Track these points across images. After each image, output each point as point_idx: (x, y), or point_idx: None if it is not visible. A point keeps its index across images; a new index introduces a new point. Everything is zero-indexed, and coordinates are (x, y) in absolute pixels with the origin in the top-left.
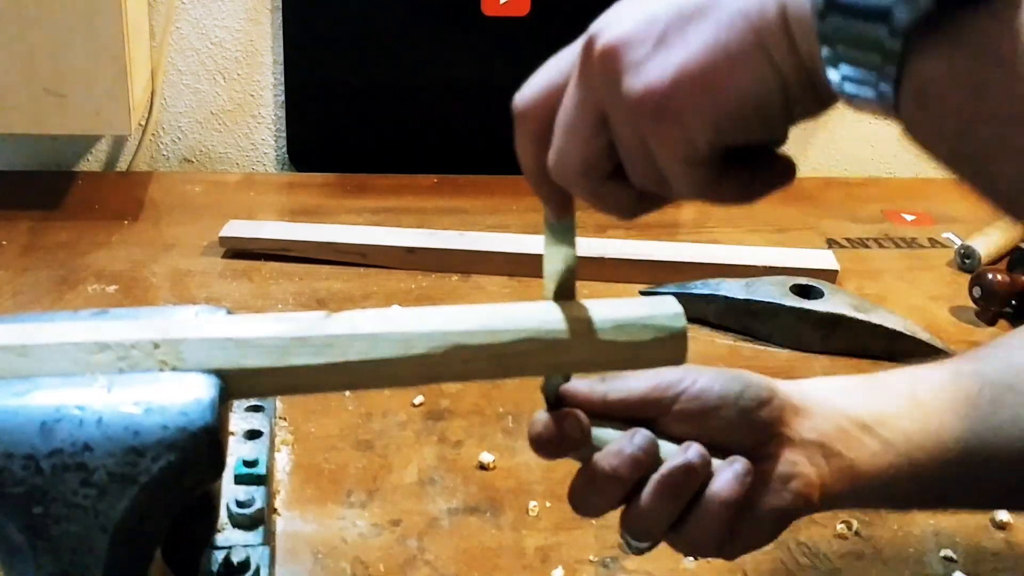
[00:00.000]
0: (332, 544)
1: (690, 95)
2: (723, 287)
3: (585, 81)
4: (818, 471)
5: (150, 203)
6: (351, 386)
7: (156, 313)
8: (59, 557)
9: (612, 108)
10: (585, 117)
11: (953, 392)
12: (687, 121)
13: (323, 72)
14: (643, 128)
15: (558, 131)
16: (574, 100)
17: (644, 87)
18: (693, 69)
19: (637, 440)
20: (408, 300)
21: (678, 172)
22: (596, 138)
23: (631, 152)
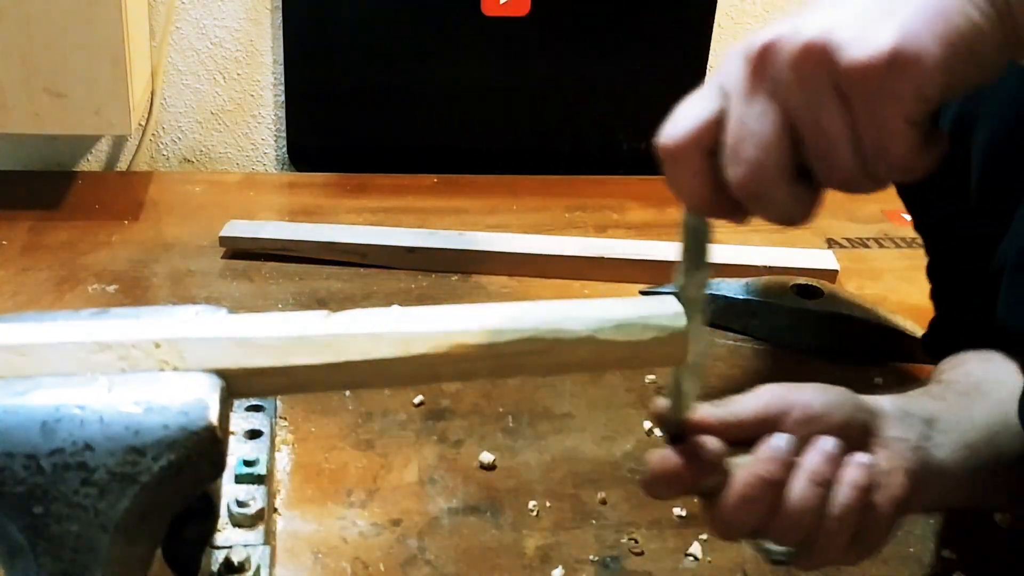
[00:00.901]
0: (332, 544)
1: (922, 47)
2: (723, 287)
3: (767, 87)
4: (909, 464)
5: (150, 203)
6: (351, 386)
7: (156, 313)
8: (60, 556)
9: (816, 96)
10: (773, 123)
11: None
12: (920, 72)
13: (323, 72)
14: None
15: (741, 146)
16: (756, 112)
17: (871, 50)
18: (920, 24)
19: (785, 441)
20: (408, 300)
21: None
22: (786, 140)
23: (837, 140)
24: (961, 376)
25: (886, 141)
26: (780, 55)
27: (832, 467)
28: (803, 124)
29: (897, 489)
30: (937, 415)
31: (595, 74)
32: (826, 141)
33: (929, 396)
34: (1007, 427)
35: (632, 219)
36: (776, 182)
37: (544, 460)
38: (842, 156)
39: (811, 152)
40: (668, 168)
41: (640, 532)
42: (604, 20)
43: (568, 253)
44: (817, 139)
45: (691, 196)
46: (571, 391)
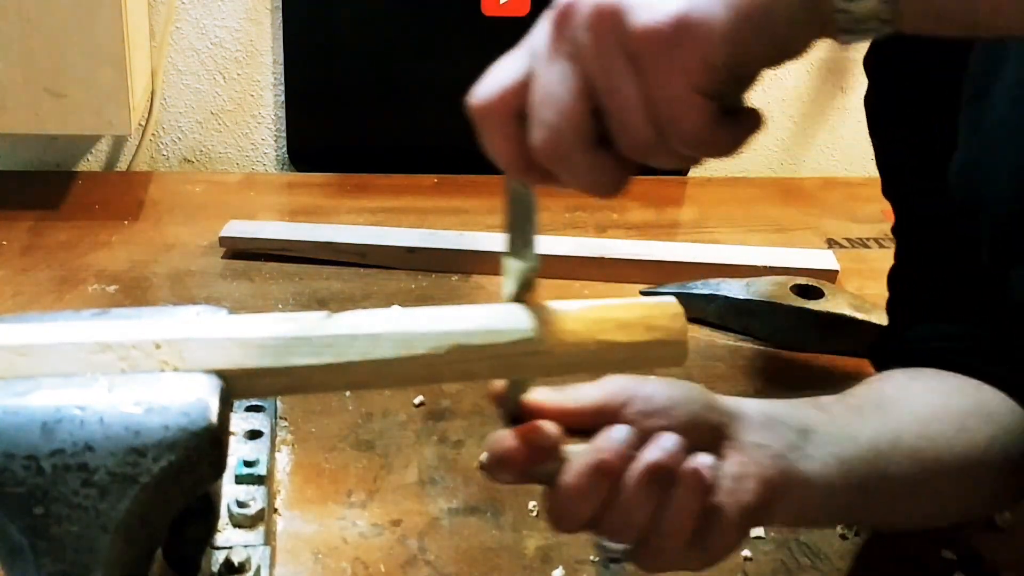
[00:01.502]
0: (332, 544)
1: (707, 14)
2: (723, 287)
3: (566, 50)
4: (766, 471)
5: (150, 203)
6: (351, 386)
7: (157, 313)
8: (60, 557)
9: (608, 59)
10: (572, 86)
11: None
12: (705, 41)
13: (323, 72)
14: (653, 61)
15: (541, 110)
16: (555, 75)
17: (658, 15)
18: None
19: (622, 432)
20: (408, 300)
21: (686, 104)
22: (585, 104)
23: (628, 103)
24: (865, 391)
25: (675, 110)
26: (577, 16)
27: (670, 465)
28: (599, 88)
29: (745, 495)
30: (814, 426)
31: None
32: (619, 107)
33: (813, 406)
34: (897, 448)
35: (632, 219)
36: (575, 146)
37: None
38: (635, 123)
39: (608, 118)
40: (480, 130)
41: None
42: None
43: (568, 253)
44: (611, 104)
45: (502, 159)
46: None
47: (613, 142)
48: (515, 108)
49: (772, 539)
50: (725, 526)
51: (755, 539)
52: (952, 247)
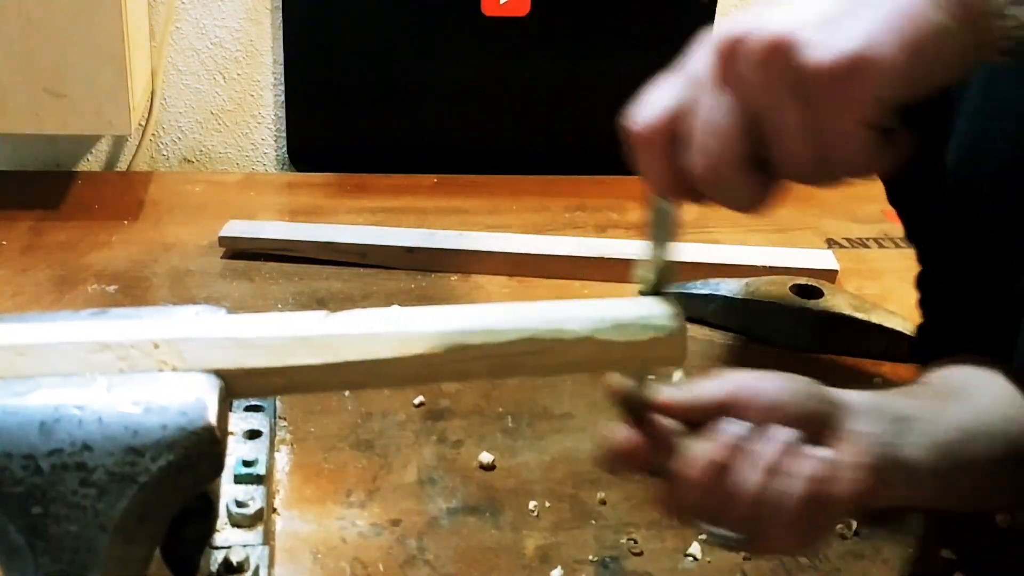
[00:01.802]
0: (331, 544)
1: (885, 50)
2: (723, 287)
3: (733, 82)
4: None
5: (150, 203)
6: (351, 386)
7: (156, 313)
8: (58, 557)
9: (779, 95)
10: (737, 117)
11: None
12: (881, 76)
13: (323, 72)
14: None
15: (706, 136)
16: (719, 106)
17: (832, 52)
18: (884, 29)
19: (739, 426)
20: (408, 300)
21: (855, 136)
22: (747, 134)
23: (797, 136)
24: (942, 378)
25: (840, 141)
26: (746, 50)
27: (786, 458)
28: (763, 119)
29: (855, 484)
30: (911, 414)
31: (595, 74)
32: (783, 136)
33: (905, 395)
34: (985, 431)
35: (632, 219)
36: (733, 172)
37: (544, 460)
38: (797, 151)
39: (770, 146)
40: (636, 152)
41: (639, 532)
42: (604, 20)
43: (568, 253)
44: (775, 134)
45: (656, 180)
46: (571, 391)
47: (770, 165)
48: (674, 134)
49: None
50: (833, 514)
51: None
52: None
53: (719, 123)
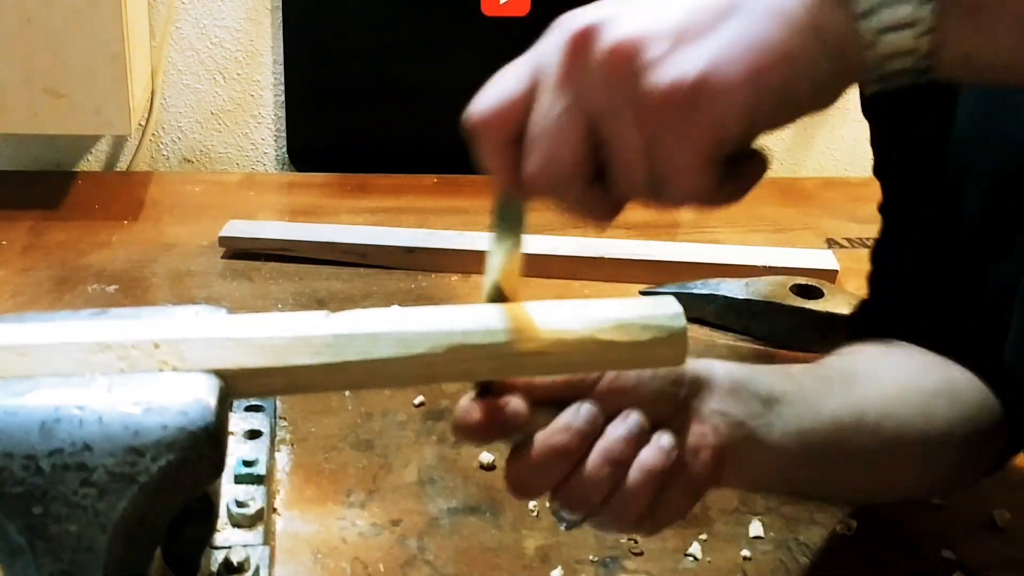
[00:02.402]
0: (332, 544)
1: (727, 83)
2: (723, 287)
3: (575, 83)
4: (722, 440)
5: (150, 203)
6: (351, 386)
7: (156, 313)
8: (59, 557)
9: (617, 109)
10: (575, 121)
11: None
12: (719, 111)
13: (323, 72)
14: (663, 125)
15: (541, 138)
16: (560, 105)
17: (675, 79)
18: (730, 58)
19: (583, 413)
20: (408, 300)
21: (690, 170)
22: (585, 142)
23: (631, 156)
24: (836, 362)
25: (679, 173)
26: (592, 50)
27: (629, 446)
28: (603, 131)
29: (700, 468)
30: (779, 395)
31: None
32: (621, 156)
33: (784, 374)
34: (860, 423)
35: (632, 219)
36: (569, 181)
37: None
38: (635, 174)
39: (608, 160)
40: (476, 143)
41: None
42: None
43: (568, 253)
44: (613, 150)
45: (495, 175)
46: None
47: (608, 179)
48: (514, 125)
49: (772, 539)
50: (678, 499)
51: (755, 539)
52: (936, 228)
53: (558, 126)
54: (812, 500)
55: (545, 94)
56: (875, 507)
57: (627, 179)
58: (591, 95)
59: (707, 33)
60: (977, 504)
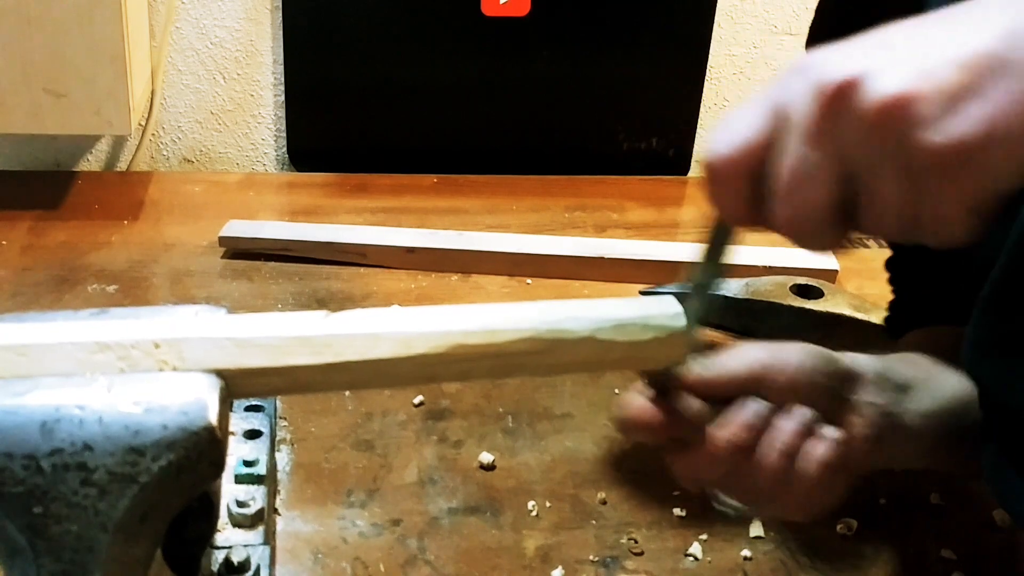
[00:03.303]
0: (332, 544)
1: (1000, 144)
2: (723, 287)
3: (833, 135)
4: (876, 430)
5: (150, 203)
6: (351, 386)
7: (156, 313)
8: (59, 557)
9: (881, 164)
10: (830, 172)
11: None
12: (993, 170)
13: (323, 72)
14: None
15: (793, 188)
16: (814, 155)
17: (950, 139)
18: (1004, 120)
19: (754, 408)
20: (408, 300)
21: (956, 221)
22: (840, 190)
23: (890, 207)
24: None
25: (936, 223)
26: (855, 106)
27: (800, 439)
28: (860, 181)
29: (858, 456)
30: (911, 381)
31: (595, 74)
32: (875, 203)
33: (905, 362)
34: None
35: (632, 219)
36: (820, 228)
37: (544, 460)
38: (890, 221)
39: (860, 206)
40: (710, 182)
41: (640, 532)
42: (604, 20)
43: (568, 253)
44: (867, 198)
45: (728, 212)
46: (571, 391)
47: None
48: (753, 170)
49: (772, 539)
50: (839, 486)
51: (755, 539)
52: None
53: (810, 176)
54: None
55: (795, 142)
56: (875, 507)
57: (880, 226)
58: (852, 148)
59: (980, 93)
60: (977, 504)
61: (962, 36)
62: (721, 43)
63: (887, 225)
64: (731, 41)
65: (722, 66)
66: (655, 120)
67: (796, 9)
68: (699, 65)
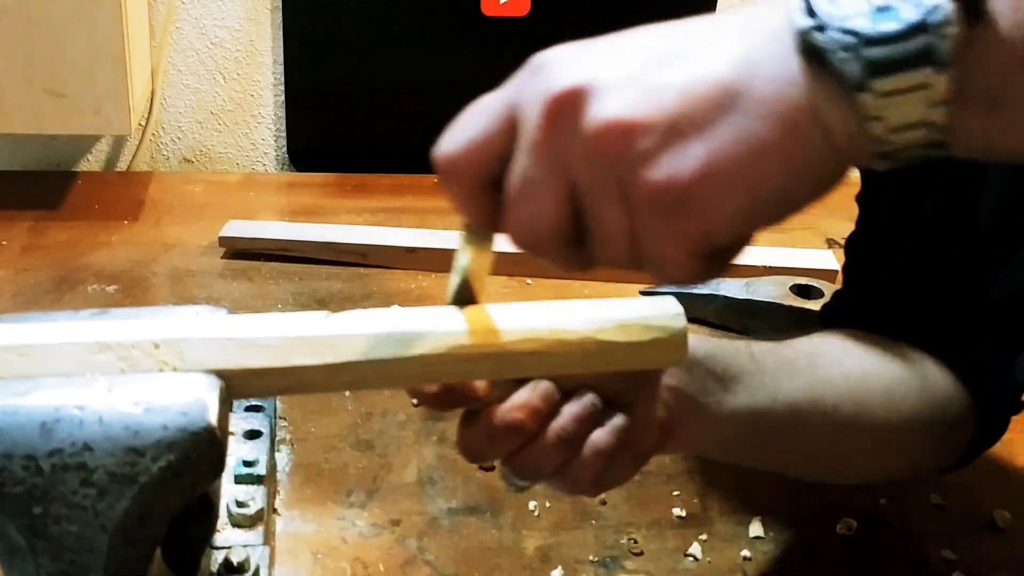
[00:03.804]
0: (332, 544)
1: (719, 189)
2: (723, 287)
3: (556, 150)
4: (671, 415)
5: (150, 203)
6: (351, 386)
7: (156, 313)
8: (59, 557)
9: (601, 189)
10: (555, 188)
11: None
12: (710, 216)
13: (323, 72)
14: (651, 218)
15: (520, 200)
16: (539, 169)
17: (666, 179)
18: (725, 163)
19: (540, 391)
20: (408, 300)
21: (676, 262)
22: (566, 208)
23: (613, 235)
24: (805, 345)
25: (663, 260)
26: (576, 121)
27: (583, 426)
28: (585, 204)
29: (647, 442)
30: (738, 374)
31: None
32: (601, 231)
33: (746, 353)
34: (817, 408)
35: None
36: (549, 246)
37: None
38: (615, 250)
39: (587, 228)
40: (442, 180)
41: (640, 532)
42: (604, 20)
43: None
44: (594, 224)
45: (464, 216)
46: None
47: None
48: (485, 170)
49: (772, 539)
50: (624, 470)
51: (755, 539)
52: (913, 220)
53: (536, 190)
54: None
55: (523, 152)
56: (875, 507)
57: (607, 253)
58: (573, 166)
59: (705, 128)
60: (977, 504)
61: (698, 59)
62: None
63: (615, 253)
64: None
65: None
66: None
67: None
68: None
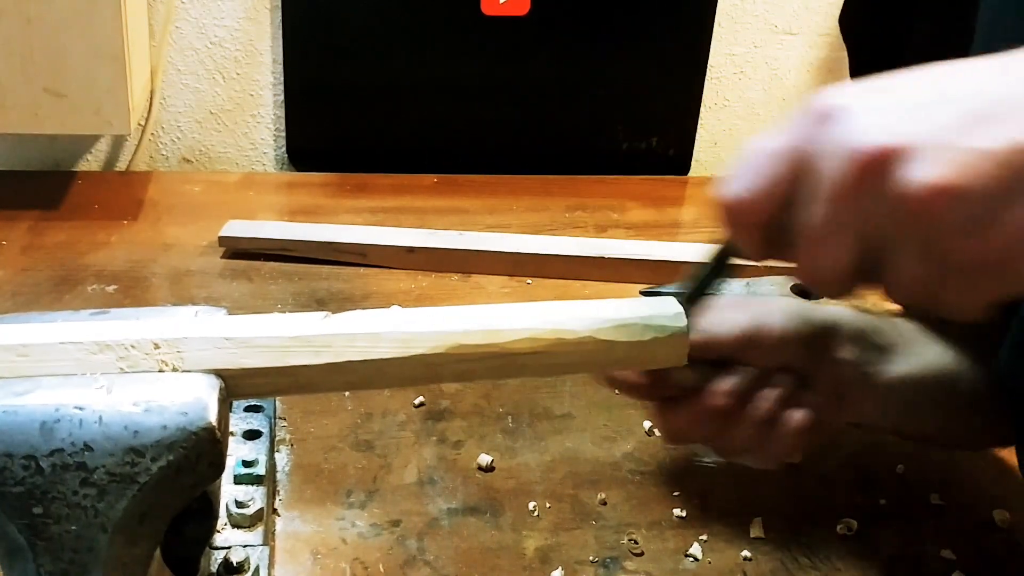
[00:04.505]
0: (331, 544)
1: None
2: (724, 287)
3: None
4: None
5: (150, 203)
6: (351, 386)
7: (156, 313)
8: (59, 557)
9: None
10: (853, 236)
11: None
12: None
13: (323, 72)
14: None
15: (815, 243)
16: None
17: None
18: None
19: (741, 377)
20: (408, 300)
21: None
22: (862, 254)
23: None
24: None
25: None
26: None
27: (781, 407)
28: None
29: (829, 414)
30: (891, 343)
31: (595, 74)
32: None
33: (889, 324)
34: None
35: (632, 219)
36: (839, 284)
37: (544, 461)
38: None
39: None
40: (726, 220)
41: (640, 533)
42: (604, 20)
43: (568, 253)
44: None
45: (743, 248)
46: (571, 391)
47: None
48: (770, 217)
49: (772, 539)
50: (808, 443)
51: (755, 539)
52: None
53: (833, 238)
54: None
55: (822, 202)
56: (875, 507)
57: (898, 295)
58: (880, 222)
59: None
60: (977, 504)
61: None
62: (721, 43)
63: (906, 296)
64: (731, 41)
65: (722, 66)
66: (655, 120)
67: (796, 9)
68: (699, 65)
